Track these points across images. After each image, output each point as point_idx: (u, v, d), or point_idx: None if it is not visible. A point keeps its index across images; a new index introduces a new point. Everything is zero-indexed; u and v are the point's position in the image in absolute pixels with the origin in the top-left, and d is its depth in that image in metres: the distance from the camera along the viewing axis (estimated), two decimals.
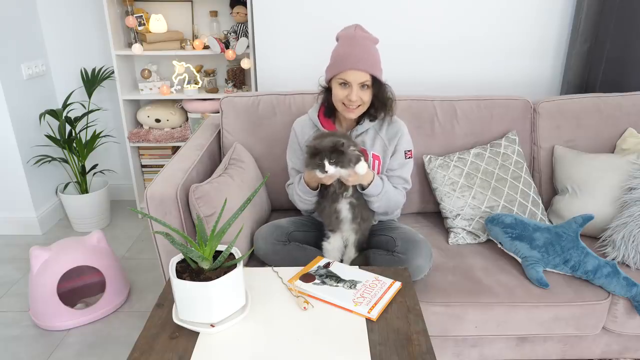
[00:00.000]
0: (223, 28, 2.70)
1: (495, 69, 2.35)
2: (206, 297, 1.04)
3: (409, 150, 1.65)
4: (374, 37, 1.55)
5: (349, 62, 1.47)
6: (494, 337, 1.61)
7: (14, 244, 2.61)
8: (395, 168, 1.64)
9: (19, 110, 2.54)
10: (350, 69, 1.47)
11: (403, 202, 1.70)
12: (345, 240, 1.60)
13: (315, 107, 1.68)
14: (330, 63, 1.54)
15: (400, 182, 1.66)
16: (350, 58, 1.47)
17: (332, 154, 1.36)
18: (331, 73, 1.53)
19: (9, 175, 2.59)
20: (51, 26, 2.73)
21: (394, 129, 1.63)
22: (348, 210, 1.55)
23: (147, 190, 1.46)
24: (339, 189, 1.51)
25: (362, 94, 1.50)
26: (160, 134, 2.71)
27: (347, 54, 1.48)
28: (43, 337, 1.90)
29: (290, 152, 1.71)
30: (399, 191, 1.65)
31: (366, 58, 1.48)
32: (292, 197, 1.69)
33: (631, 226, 1.64)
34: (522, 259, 1.63)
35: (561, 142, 1.96)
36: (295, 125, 1.70)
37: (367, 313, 1.13)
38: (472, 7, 2.24)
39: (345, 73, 1.48)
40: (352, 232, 1.58)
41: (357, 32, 1.51)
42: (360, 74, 1.47)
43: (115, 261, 2.06)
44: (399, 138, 1.62)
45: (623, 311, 1.56)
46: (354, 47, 1.48)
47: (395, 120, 1.65)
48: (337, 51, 1.53)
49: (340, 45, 1.53)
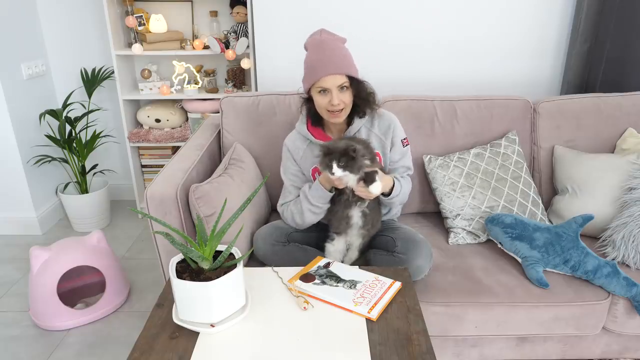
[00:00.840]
0: (223, 28, 2.70)
1: (495, 69, 2.35)
2: (206, 297, 1.04)
3: (405, 139, 1.66)
4: (341, 37, 1.54)
5: (322, 69, 1.46)
6: (494, 337, 1.61)
7: (14, 244, 2.61)
8: (397, 159, 1.65)
9: (19, 110, 2.54)
10: (326, 75, 1.45)
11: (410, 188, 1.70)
12: (349, 244, 1.60)
13: (301, 119, 1.66)
14: (305, 73, 1.53)
15: (405, 170, 1.68)
16: (323, 64, 1.46)
17: (342, 157, 1.36)
18: (308, 83, 1.52)
19: (9, 175, 2.59)
20: (51, 26, 2.73)
21: (385, 122, 1.63)
22: (359, 218, 1.54)
23: (147, 190, 1.46)
24: (352, 197, 1.49)
25: (343, 96, 1.49)
26: (160, 134, 2.71)
27: (319, 60, 1.47)
28: (43, 337, 1.90)
29: (286, 170, 1.68)
30: (407, 180, 1.66)
31: (338, 60, 1.47)
32: (291, 215, 1.61)
33: (631, 226, 1.64)
34: (522, 259, 1.63)
35: (561, 142, 1.96)
36: (287, 142, 1.67)
37: (367, 313, 1.13)
38: (472, 7, 2.25)
39: (322, 80, 1.46)
40: (358, 237, 1.58)
41: (324, 36, 1.50)
42: (337, 78, 1.46)
43: (115, 261, 2.06)
44: (392, 130, 1.62)
45: (623, 311, 1.56)
46: (323, 52, 1.47)
47: (383, 113, 1.65)
48: (308, 60, 1.51)
49: (310, 53, 1.51)
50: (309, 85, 1.52)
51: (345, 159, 1.36)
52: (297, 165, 1.65)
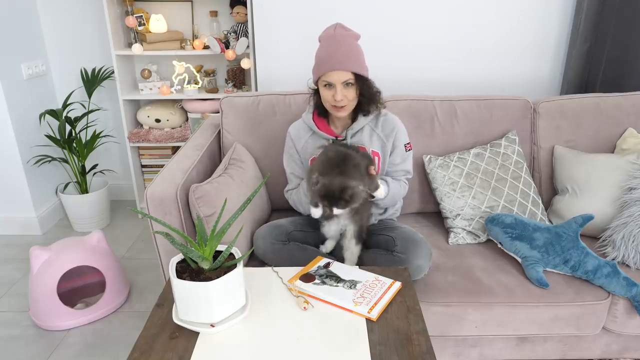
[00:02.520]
0: (223, 28, 2.70)
1: (495, 69, 2.35)
2: (206, 297, 1.04)
3: (408, 143, 1.67)
4: (355, 33, 1.55)
5: (329, 64, 1.48)
6: (494, 337, 1.61)
7: (14, 244, 2.61)
8: (398, 162, 1.66)
9: (19, 110, 2.54)
10: (331, 70, 1.48)
11: (405, 193, 1.72)
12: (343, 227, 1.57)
13: (308, 110, 1.69)
14: (314, 65, 1.56)
15: (404, 174, 1.69)
16: (330, 59, 1.48)
17: (340, 201, 1.36)
18: (315, 75, 1.55)
19: (9, 175, 2.59)
20: (51, 26, 2.73)
21: (390, 125, 1.64)
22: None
23: (147, 190, 1.46)
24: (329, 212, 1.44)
25: (347, 92, 1.51)
26: (160, 134, 2.71)
27: (327, 55, 1.49)
28: (43, 337, 1.90)
29: (287, 158, 1.72)
30: (401, 184, 1.67)
31: (346, 57, 1.48)
32: (294, 204, 1.69)
33: (631, 226, 1.64)
34: (522, 259, 1.63)
35: (561, 142, 1.96)
36: (291, 130, 1.70)
37: (367, 313, 1.13)
38: (472, 7, 2.25)
39: (327, 74, 1.49)
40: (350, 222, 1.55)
41: (337, 31, 1.52)
42: (341, 74, 1.48)
43: (115, 261, 2.06)
44: (395, 133, 1.64)
45: (623, 311, 1.56)
46: (333, 47, 1.49)
47: (388, 114, 1.66)
48: (319, 53, 1.54)
49: (321, 46, 1.54)
50: (316, 77, 1.55)
51: (343, 202, 1.37)
52: (297, 155, 1.68)
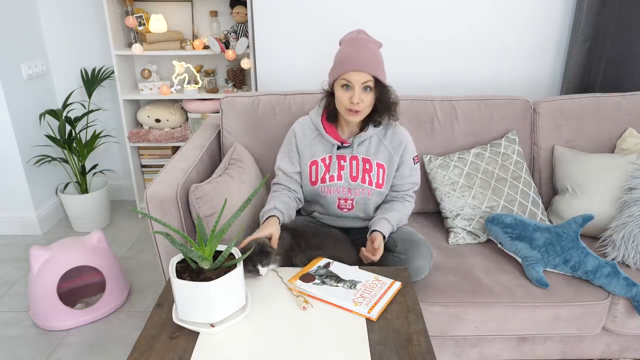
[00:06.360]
0: (223, 28, 2.70)
1: (496, 69, 2.35)
2: (206, 297, 1.04)
3: (416, 156, 1.66)
4: (377, 41, 1.55)
5: (350, 64, 1.46)
6: (494, 337, 1.61)
7: (14, 244, 2.61)
8: (406, 175, 1.64)
9: (19, 110, 2.54)
10: (352, 70, 1.46)
11: (411, 210, 1.68)
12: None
13: (317, 110, 1.65)
14: (333, 66, 1.54)
15: (411, 187, 1.67)
16: (352, 59, 1.47)
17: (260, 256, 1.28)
18: (334, 75, 1.52)
19: (9, 175, 2.59)
20: (51, 26, 2.73)
21: (398, 139, 1.61)
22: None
23: (147, 190, 1.46)
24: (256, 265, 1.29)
25: (364, 95, 1.48)
26: (160, 134, 2.71)
27: (349, 55, 1.48)
28: (43, 337, 1.90)
29: (284, 151, 1.67)
30: (405, 204, 1.64)
31: (368, 59, 1.47)
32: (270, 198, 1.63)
33: (631, 226, 1.64)
34: (522, 259, 1.63)
35: (561, 142, 1.96)
36: (296, 127, 1.66)
37: (367, 313, 1.13)
38: (472, 6, 2.24)
39: (348, 74, 1.47)
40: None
41: (360, 36, 1.52)
42: (362, 75, 1.46)
43: (115, 261, 2.06)
44: (404, 148, 1.61)
45: (623, 311, 1.56)
46: (355, 48, 1.49)
47: (398, 127, 1.63)
48: (340, 54, 1.53)
49: (343, 48, 1.53)
50: (335, 77, 1.52)
51: (262, 258, 1.29)
52: (295, 152, 1.64)
